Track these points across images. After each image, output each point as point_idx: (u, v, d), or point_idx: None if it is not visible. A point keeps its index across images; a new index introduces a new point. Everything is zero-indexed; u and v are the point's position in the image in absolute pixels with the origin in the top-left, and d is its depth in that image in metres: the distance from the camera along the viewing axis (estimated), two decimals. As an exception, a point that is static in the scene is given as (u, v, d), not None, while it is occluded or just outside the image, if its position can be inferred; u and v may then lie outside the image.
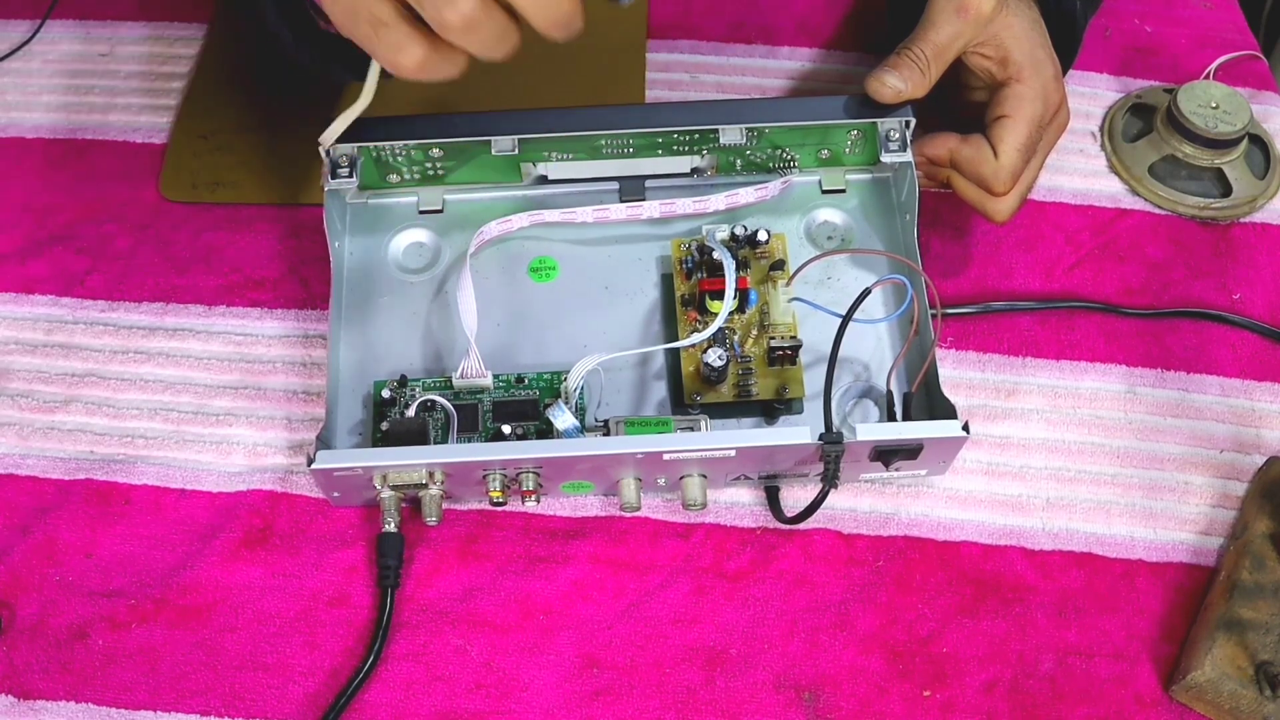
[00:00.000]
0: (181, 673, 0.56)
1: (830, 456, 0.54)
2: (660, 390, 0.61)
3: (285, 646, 0.57)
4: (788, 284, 0.62)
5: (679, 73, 0.76)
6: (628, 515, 0.60)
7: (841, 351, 0.56)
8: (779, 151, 0.65)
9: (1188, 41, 0.78)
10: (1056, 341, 0.66)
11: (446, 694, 0.56)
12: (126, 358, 0.65)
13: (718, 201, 0.64)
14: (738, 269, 0.60)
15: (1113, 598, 0.59)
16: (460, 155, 0.63)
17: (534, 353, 0.62)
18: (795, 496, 0.60)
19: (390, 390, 0.60)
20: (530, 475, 0.56)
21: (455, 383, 0.60)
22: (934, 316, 0.58)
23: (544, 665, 0.57)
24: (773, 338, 0.60)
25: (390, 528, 0.57)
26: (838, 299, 0.60)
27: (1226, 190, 0.71)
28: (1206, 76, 0.74)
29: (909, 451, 0.56)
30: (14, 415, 0.63)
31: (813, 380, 0.60)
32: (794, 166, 0.66)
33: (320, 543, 0.59)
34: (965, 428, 0.55)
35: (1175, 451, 0.63)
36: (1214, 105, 0.70)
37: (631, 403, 0.61)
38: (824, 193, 0.66)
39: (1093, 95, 0.76)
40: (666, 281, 0.64)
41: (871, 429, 0.55)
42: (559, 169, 0.65)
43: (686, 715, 0.55)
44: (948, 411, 0.57)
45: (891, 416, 0.60)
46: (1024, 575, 0.59)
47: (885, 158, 0.64)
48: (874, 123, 0.63)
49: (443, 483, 0.56)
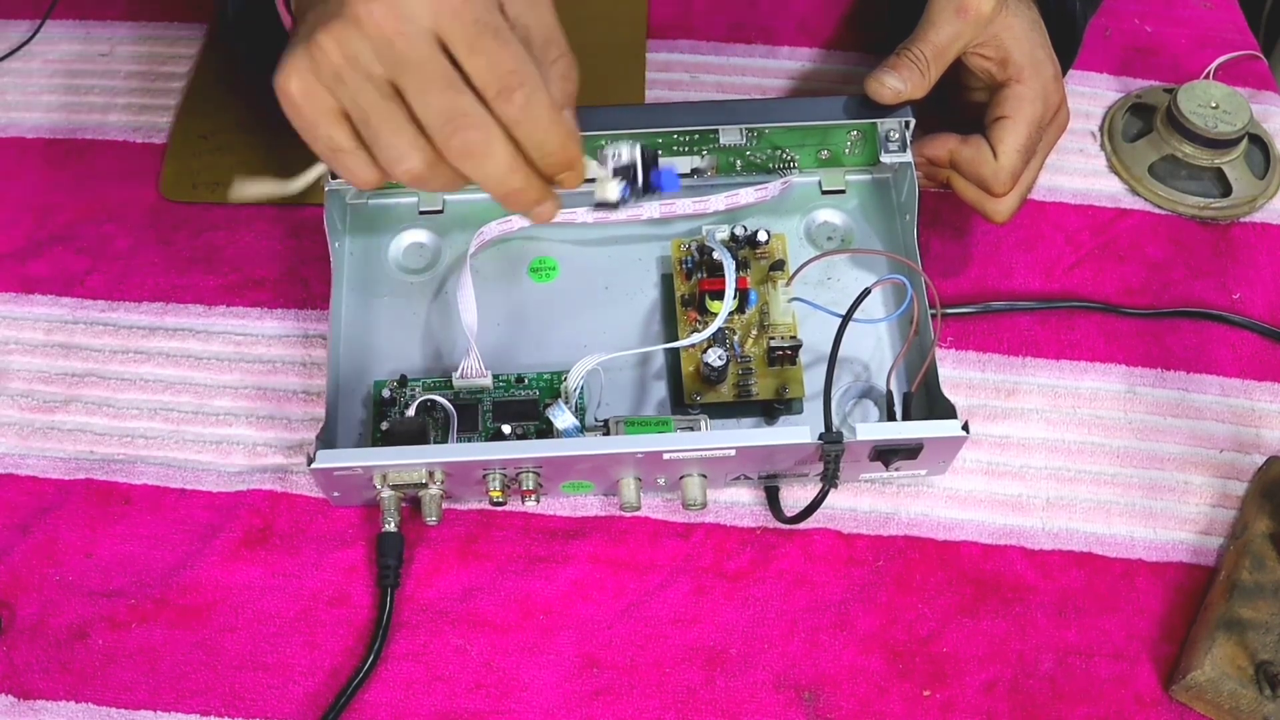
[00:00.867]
0: (181, 673, 0.56)
1: (830, 456, 0.54)
2: (660, 390, 0.61)
3: (285, 646, 0.57)
4: (788, 284, 0.62)
5: (679, 73, 0.76)
6: (628, 515, 0.60)
7: (841, 351, 0.56)
8: (779, 152, 0.65)
9: (1188, 41, 0.78)
10: (1056, 341, 0.66)
11: (446, 694, 0.56)
12: (126, 358, 0.65)
13: (717, 202, 0.64)
14: (737, 269, 0.60)
15: (1113, 598, 0.59)
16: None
17: (534, 353, 0.62)
18: (795, 496, 0.60)
19: (390, 390, 0.60)
20: (530, 475, 0.56)
21: (455, 383, 0.60)
22: (934, 316, 0.58)
23: (544, 665, 0.57)
24: (772, 338, 0.60)
25: (390, 527, 0.57)
26: (838, 299, 0.60)
27: (1226, 190, 0.71)
28: (1206, 76, 0.74)
29: (909, 451, 0.56)
30: (14, 415, 0.63)
31: (813, 380, 0.60)
32: (794, 167, 0.66)
33: (320, 543, 0.59)
34: (965, 427, 0.55)
35: (1175, 451, 0.63)
36: (1214, 105, 0.70)
37: (631, 403, 0.61)
38: (824, 193, 0.66)
39: (1093, 95, 0.75)
40: (666, 282, 0.64)
41: (871, 429, 0.55)
42: (559, 169, 0.65)
43: (686, 715, 0.55)
44: (947, 411, 0.57)
45: (891, 416, 0.60)
46: (1024, 575, 0.59)
47: (885, 158, 0.64)
48: (874, 123, 0.63)
49: (443, 482, 0.56)
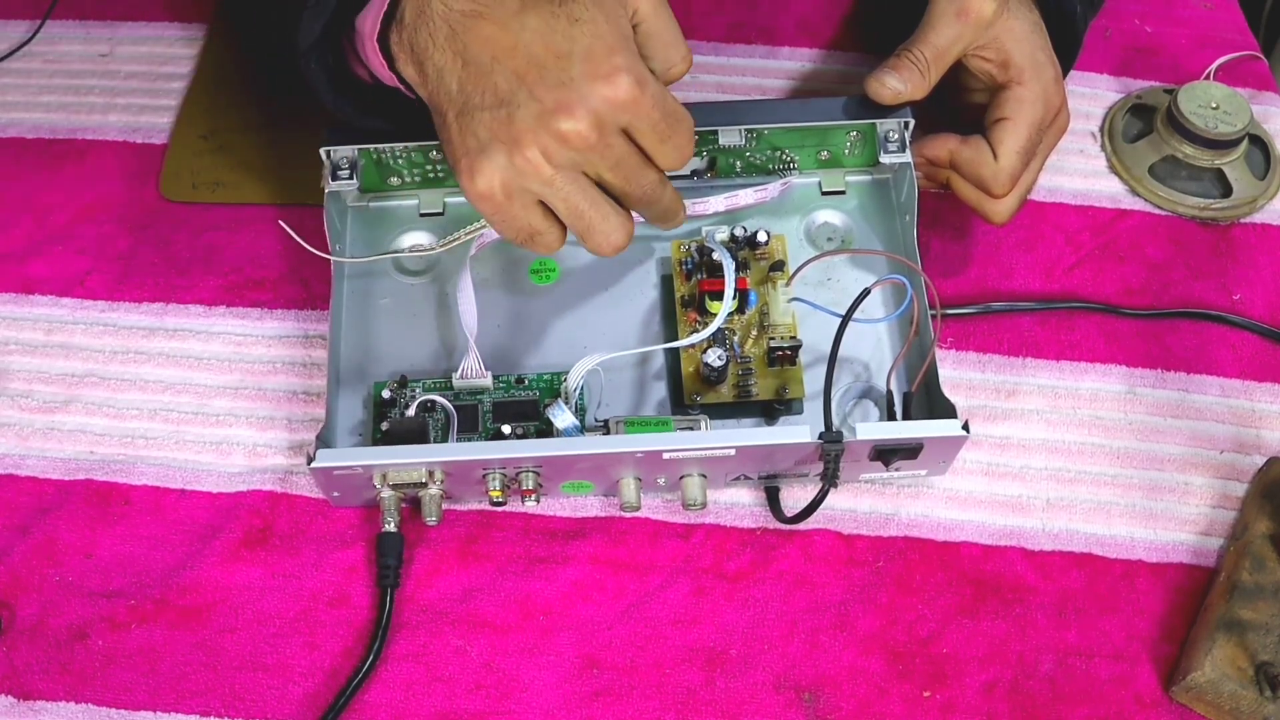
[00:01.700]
0: (181, 673, 0.56)
1: (830, 456, 0.54)
2: (660, 390, 0.61)
3: (285, 647, 0.57)
4: (787, 284, 0.62)
5: (679, 73, 0.76)
6: (628, 515, 0.60)
7: (841, 351, 0.56)
8: (778, 153, 0.65)
9: (1188, 42, 0.78)
10: (1056, 342, 0.66)
11: (446, 694, 0.56)
12: (126, 358, 0.65)
13: (717, 203, 0.64)
14: (737, 270, 0.60)
15: (1113, 598, 0.59)
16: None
17: (534, 353, 0.62)
18: (795, 496, 0.60)
19: (390, 390, 0.60)
20: (530, 475, 0.56)
21: (455, 383, 0.60)
22: (934, 317, 0.58)
23: (544, 666, 0.57)
24: (772, 338, 0.60)
25: (390, 528, 0.57)
26: (837, 299, 0.60)
27: (1226, 191, 0.70)
28: (1207, 77, 0.74)
29: (909, 451, 0.56)
30: (14, 415, 0.63)
31: (812, 380, 0.60)
32: (793, 168, 0.66)
33: (320, 543, 0.59)
34: (965, 427, 0.55)
35: (1175, 452, 0.63)
36: (1214, 106, 0.70)
37: (631, 403, 0.61)
38: (824, 194, 0.66)
39: (1093, 96, 0.75)
40: (666, 282, 0.64)
41: (871, 429, 0.55)
42: (559, 169, 0.65)
43: (686, 715, 0.55)
44: (948, 411, 0.57)
45: (891, 416, 0.60)
46: (1024, 576, 0.59)
47: (885, 159, 0.64)
48: (873, 124, 0.63)
49: (442, 482, 0.56)
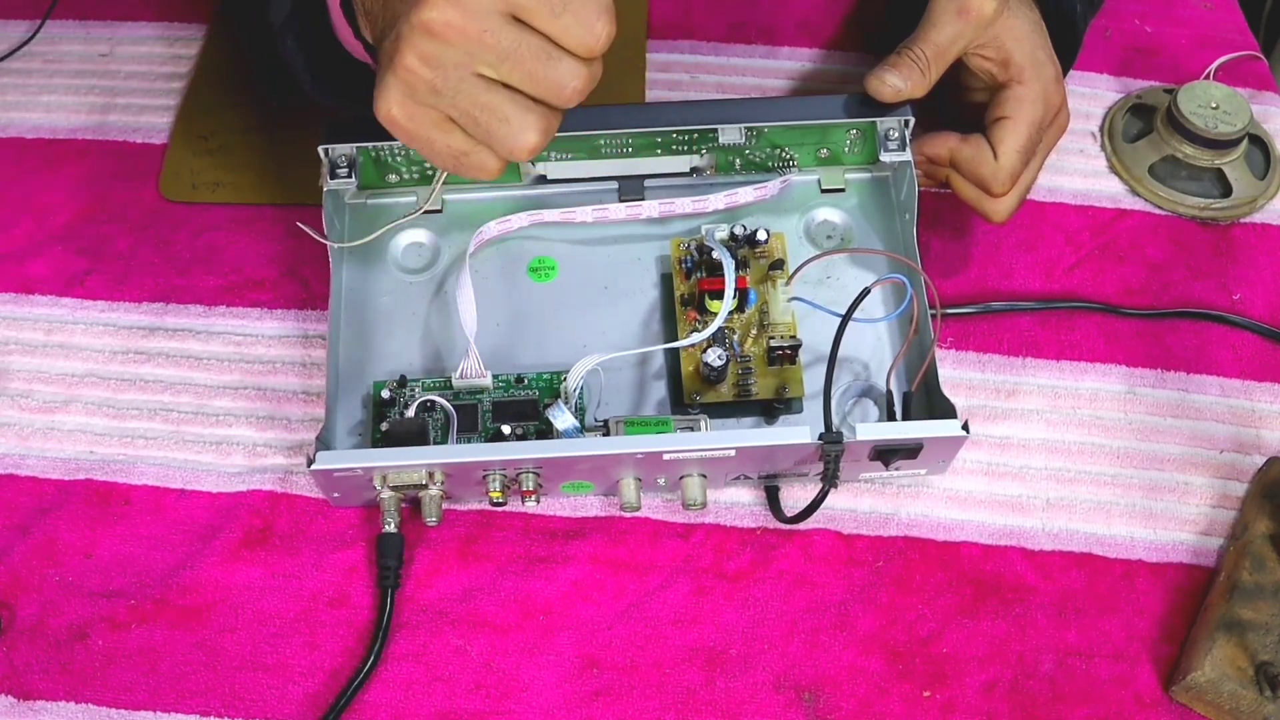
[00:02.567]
0: (181, 673, 0.56)
1: (830, 456, 0.54)
2: (660, 390, 0.61)
3: (285, 647, 0.57)
4: (787, 283, 0.61)
5: (679, 73, 0.76)
6: (628, 515, 0.60)
7: (841, 351, 0.56)
8: (778, 151, 0.65)
9: (1188, 41, 0.78)
10: (1056, 342, 0.66)
11: (446, 694, 0.56)
12: (126, 358, 0.65)
13: (717, 201, 0.64)
14: (737, 268, 0.60)
15: (1113, 598, 0.59)
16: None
17: (533, 353, 0.62)
18: (795, 496, 0.60)
19: (390, 390, 0.60)
20: (530, 475, 0.56)
21: (455, 383, 0.60)
22: (934, 316, 0.58)
23: (544, 665, 0.57)
24: (772, 337, 0.60)
25: (390, 528, 0.57)
26: (837, 298, 0.60)
27: (1226, 190, 0.70)
28: (1206, 77, 0.74)
29: (909, 451, 0.56)
30: (14, 415, 0.63)
31: (812, 380, 0.60)
32: (793, 166, 0.66)
33: (320, 543, 0.59)
34: (965, 427, 0.55)
35: (1175, 452, 0.63)
36: (1214, 105, 0.70)
37: (631, 403, 0.61)
38: (823, 192, 0.66)
39: (1093, 95, 0.75)
40: (666, 281, 0.64)
41: (871, 428, 0.54)
42: (558, 169, 0.65)
43: (686, 715, 0.55)
44: (947, 411, 0.57)
45: (891, 416, 0.60)
46: (1024, 576, 0.59)
47: (884, 157, 0.64)
48: (873, 122, 0.63)
49: (442, 483, 0.56)
